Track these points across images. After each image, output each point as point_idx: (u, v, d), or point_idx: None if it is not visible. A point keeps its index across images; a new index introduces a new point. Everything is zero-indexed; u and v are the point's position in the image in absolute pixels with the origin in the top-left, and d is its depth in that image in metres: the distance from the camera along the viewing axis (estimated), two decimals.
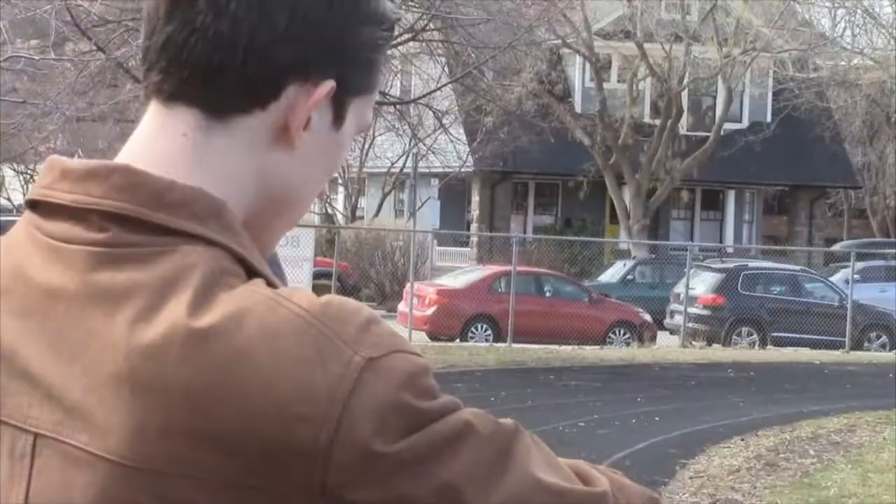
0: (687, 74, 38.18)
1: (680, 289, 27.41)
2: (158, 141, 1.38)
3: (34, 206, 1.38)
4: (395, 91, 31.85)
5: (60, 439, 1.31)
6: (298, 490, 1.27)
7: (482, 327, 26.62)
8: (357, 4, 1.40)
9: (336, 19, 1.38)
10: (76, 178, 1.35)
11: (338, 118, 1.42)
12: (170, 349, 1.27)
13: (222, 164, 1.37)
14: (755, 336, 26.87)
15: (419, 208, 32.22)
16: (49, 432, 1.31)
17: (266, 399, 1.26)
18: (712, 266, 28.86)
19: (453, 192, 40.39)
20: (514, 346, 24.51)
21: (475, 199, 41.38)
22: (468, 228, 40.55)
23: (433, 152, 35.21)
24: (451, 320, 26.31)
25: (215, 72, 1.36)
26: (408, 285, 27.29)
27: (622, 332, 26.65)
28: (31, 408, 1.32)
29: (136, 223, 1.32)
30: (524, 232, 39.96)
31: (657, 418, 15.66)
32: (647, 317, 26.92)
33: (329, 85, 1.38)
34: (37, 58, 18.87)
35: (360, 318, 1.30)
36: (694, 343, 26.29)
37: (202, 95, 1.37)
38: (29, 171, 49.51)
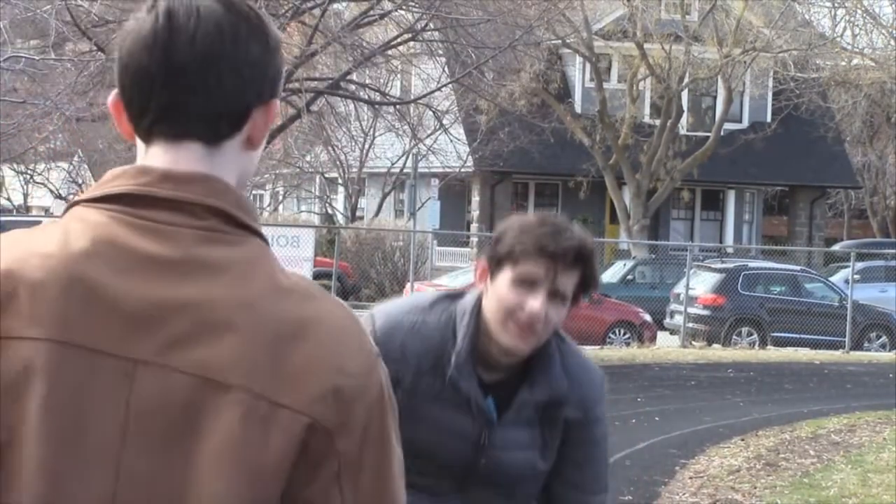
0: (687, 74, 38.14)
1: (680, 289, 27.38)
2: (181, 167, 1.86)
3: (114, 199, 1.82)
4: (395, 91, 31.81)
5: (162, 363, 1.76)
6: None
7: None
8: (278, 43, 1.90)
9: (273, 58, 1.90)
10: (180, 181, 1.83)
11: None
12: (265, 301, 1.79)
13: (224, 176, 1.87)
14: (755, 336, 26.84)
15: (419, 208, 32.17)
16: (151, 358, 1.76)
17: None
18: (712, 266, 28.81)
19: (453, 192, 40.38)
20: None
21: (475, 199, 41.37)
22: (468, 228, 40.52)
23: (433, 152, 35.19)
24: None
25: (214, 118, 1.87)
26: (408, 285, 27.27)
27: (622, 332, 26.61)
28: (125, 341, 1.76)
29: (227, 217, 1.83)
30: None
31: (657, 418, 15.65)
32: (647, 317, 26.87)
33: (277, 103, 1.90)
34: (37, 58, 18.87)
35: None
36: (694, 343, 26.25)
37: (204, 134, 1.87)
38: (29, 172, 49.29)
